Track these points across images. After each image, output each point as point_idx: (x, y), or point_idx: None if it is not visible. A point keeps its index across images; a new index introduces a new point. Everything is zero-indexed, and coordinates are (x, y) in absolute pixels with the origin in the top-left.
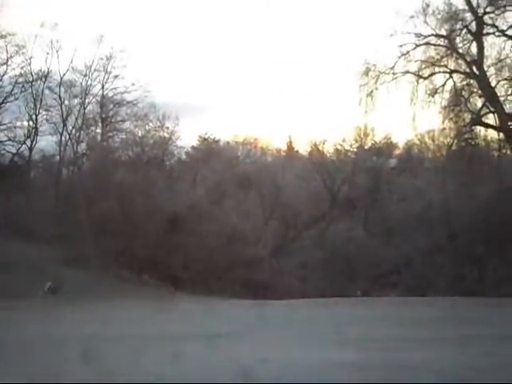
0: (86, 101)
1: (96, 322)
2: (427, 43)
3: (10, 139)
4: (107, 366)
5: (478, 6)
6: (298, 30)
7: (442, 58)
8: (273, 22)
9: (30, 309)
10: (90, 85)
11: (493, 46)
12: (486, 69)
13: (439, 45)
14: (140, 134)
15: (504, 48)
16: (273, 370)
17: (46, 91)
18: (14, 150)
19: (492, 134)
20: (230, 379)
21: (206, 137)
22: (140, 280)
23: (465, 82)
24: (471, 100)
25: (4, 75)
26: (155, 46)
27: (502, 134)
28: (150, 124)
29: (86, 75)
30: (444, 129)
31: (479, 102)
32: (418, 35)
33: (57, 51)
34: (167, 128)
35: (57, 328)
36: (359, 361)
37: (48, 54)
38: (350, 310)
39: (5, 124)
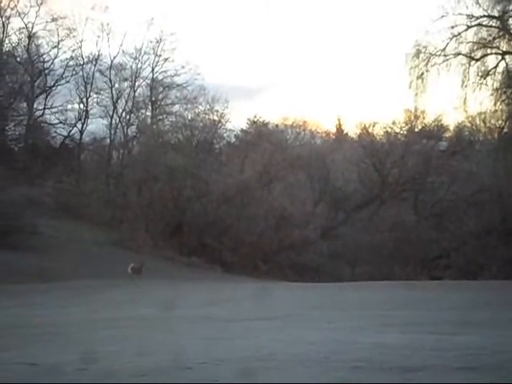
0: (136, 84)
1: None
2: (479, 24)
3: (61, 122)
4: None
5: None
6: (349, 12)
7: (494, 39)
8: (322, 2)
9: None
10: (140, 68)
11: None
12: None
13: (491, 26)
14: (189, 117)
15: None
16: (322, 351)
17: (97, 74)
18: (65, 133)
19: None
20: (280, 362)
21: (256, 120)
22: (189, 262)
23: None
24: None
25: (55, 58)
26: (205, 28)
27: None
28: (200, 107)
29: (135, 58)
30: (496, 111)
31: None
32: (469, 16)
33: (107, 34)
34: (217, 111)
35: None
36: (411, 343)
37: (98, 37)
38: (401, 293)
39: (56, 107)
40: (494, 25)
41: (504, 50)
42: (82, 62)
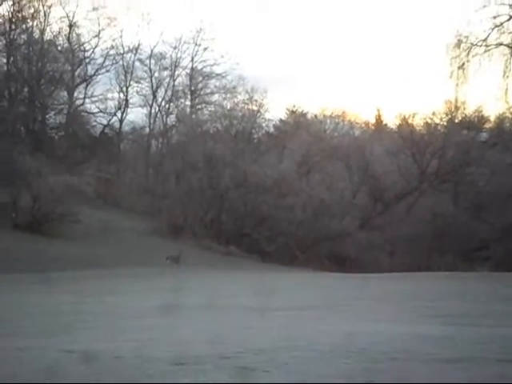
0: (176, 73)
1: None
2: None
3: (101, 111)
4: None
5: None
6: (390, 1)
7: None
8: None
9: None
10: (180, 57)
11: None
12: None
13: None
14: (229, 107)
15: None
16: (361, 342)
17: (137, 63)
18: (104, 122)
19: None
20: (319, 353)
21: (294, 109)
22: (227, 251)
23: None
24: None
25: (96, 47)
26: (244, 18)
27: None
28: (239, 96)
29: (175, 48)
30: None
31: None
32: None
33: (147, 24)
34: (256, 101)
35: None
36: (451, 335)
37: (139, 26)
38: (439, 284)
39: (96, 96)
40: None
41: None
42: (122, 52)
